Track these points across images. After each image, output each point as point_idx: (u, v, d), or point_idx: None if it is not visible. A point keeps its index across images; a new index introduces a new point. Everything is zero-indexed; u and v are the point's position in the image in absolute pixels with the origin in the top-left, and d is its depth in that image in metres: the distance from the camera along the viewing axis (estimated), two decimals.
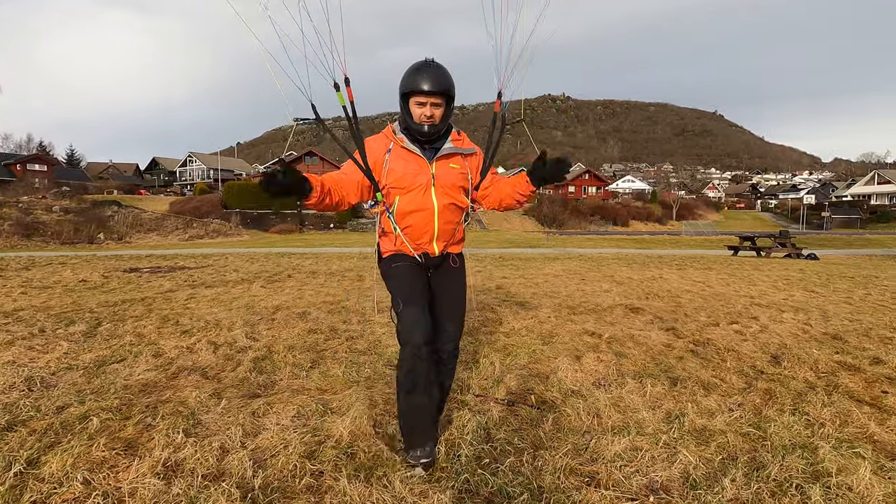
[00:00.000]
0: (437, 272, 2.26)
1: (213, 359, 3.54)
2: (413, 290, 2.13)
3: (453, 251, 2.29)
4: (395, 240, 2.17)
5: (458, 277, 2.32)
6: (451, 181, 2.13)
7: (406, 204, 2.09)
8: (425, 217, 2.11)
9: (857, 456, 2.41)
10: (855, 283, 8.83)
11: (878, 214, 60.62)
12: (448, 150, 2.12)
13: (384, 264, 2.24)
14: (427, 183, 2.08)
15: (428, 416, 2.15)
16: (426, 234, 2.14)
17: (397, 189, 2.09)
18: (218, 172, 65.76)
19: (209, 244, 26.95)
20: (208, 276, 8.98)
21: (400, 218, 2.12)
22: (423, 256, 2.19)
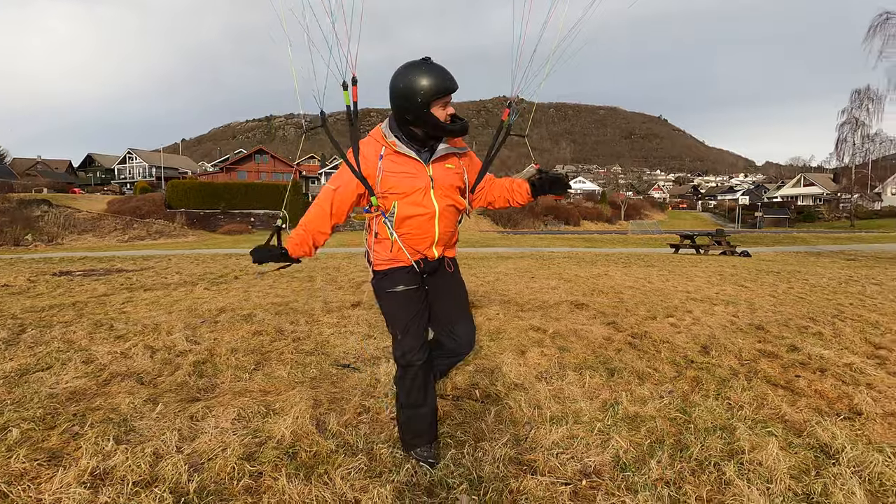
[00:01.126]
0: (433, 277, 2.21)
1: (150, 364, 3.40)
2: (411, 319, 2.10)
3: (448, 255, 2.25)
4: (392, 246, 2.07)
5: (456, 280, 2.29)
6: (450, 182, 2.08)
7: (406, 209, 2.01)
8: (426, 221, 2.04)
9: (769, 434, 2.64)
10: (780, 278, 9.54)
11: (804, 214, 65.51)
12: (444, 152, 2.06)
13: (378, 282, 2.15)
14: (426, 186, 2.01)
15: (429, 420, 2.20)
16: (427, 238, 2.07)
17: (395, 195, 2.00)
18: (161, 170, 62.53)
19: (151, 246, 25.61)
20: (148, 279, 8.56)
21: (399, 223, 2.03)
22: (420, 262, 2.13)
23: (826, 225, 57.05)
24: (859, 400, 3.17)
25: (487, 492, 2.02)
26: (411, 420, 2.17)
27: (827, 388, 3.43)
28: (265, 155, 60.33)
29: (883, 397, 3.28)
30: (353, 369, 3.38)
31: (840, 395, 3.31)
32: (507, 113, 2.19)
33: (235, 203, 41.38)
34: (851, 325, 5.38)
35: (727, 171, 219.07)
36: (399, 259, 2.10)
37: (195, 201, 40.20)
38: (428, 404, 2.18)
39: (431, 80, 1.89)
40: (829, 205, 67.74)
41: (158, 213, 38.06)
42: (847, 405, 3.16)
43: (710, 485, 2.15)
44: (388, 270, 2.11)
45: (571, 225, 54.70)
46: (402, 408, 2.19)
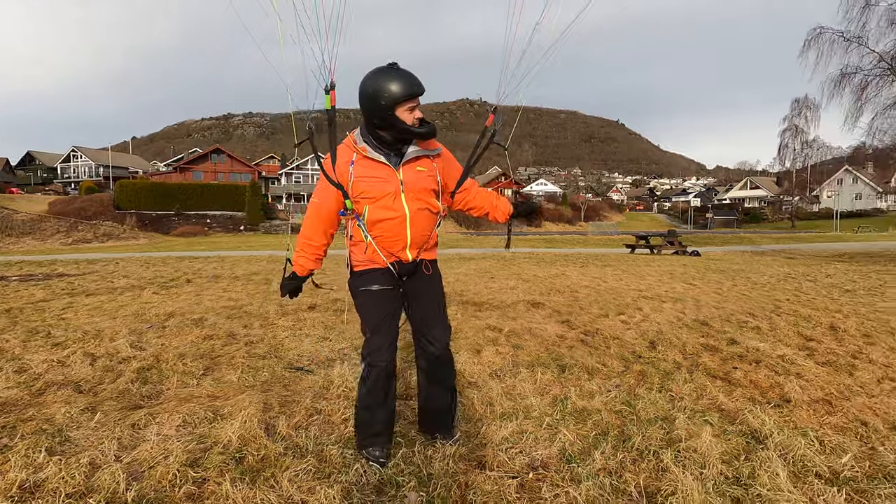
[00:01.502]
0: (411, 280, 2.22)
1: (90, 372, 3.25)
2: (381, 318, 2.14)
3: (427, 258, 2.25)
4: (367, 248, 2.12)
5: (434, 283, 2.31)
6: (421, 185, 2.09)
7: (376, 212, 2.05)
8: (397, 224, 2.06)
9: (705, 423, 2.79)
10: (725, 276, 10.05)
11: (750, 215, 69.27)
12: (414, 154, 2.07)
13: (354, 281, 2.19)
14: (396, 190, 2.04)
15: (385, 423, 2.23)
16: (399, 241, 2.10)
17: (366, 199, 2.04)
18: (109, 169, 59.49)
19: (98, 249, 24.32)
20: (91, 284, 8.13)
21: (370, 226, 2.08)
22: (395, 265, 2.15)
23: (770, 225, 60.45)
24: (789, 389, 3.39)
25: (436, 487, 2.05)
26: (369, 422, 2.19)
27: (761, 378, 3.65)
28: (222, 154, 58.44)
29: (810, 386, 3.52)
30: (307, 372, 3.35)
31: (772, 384, 3.53)
32: (492, 119, 2.22)
33: (191, 204, 39.92)
34: (786, 319, 5.74)
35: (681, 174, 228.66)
36: (374, 261, 2.13)
37: (147, 202, 38.54)
38: (387, 406, 2.21)
39: (397, 85, 1.93)
40: (772, 206, 71.83)
41: (106, 215, 36.23)
42: (778, 394, 3.38)
43: (649, 472, 2.26)
44: (364, 271, 2.15)
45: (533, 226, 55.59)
46: (361, 408, 2.21)
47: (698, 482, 2.17)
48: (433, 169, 2.14)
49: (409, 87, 1.94)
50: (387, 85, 1.93)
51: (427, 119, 2.08)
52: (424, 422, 2.49)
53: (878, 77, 16.03)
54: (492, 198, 2.38)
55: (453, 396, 2.50)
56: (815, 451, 2.51)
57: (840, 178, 66.35)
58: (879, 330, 5.24)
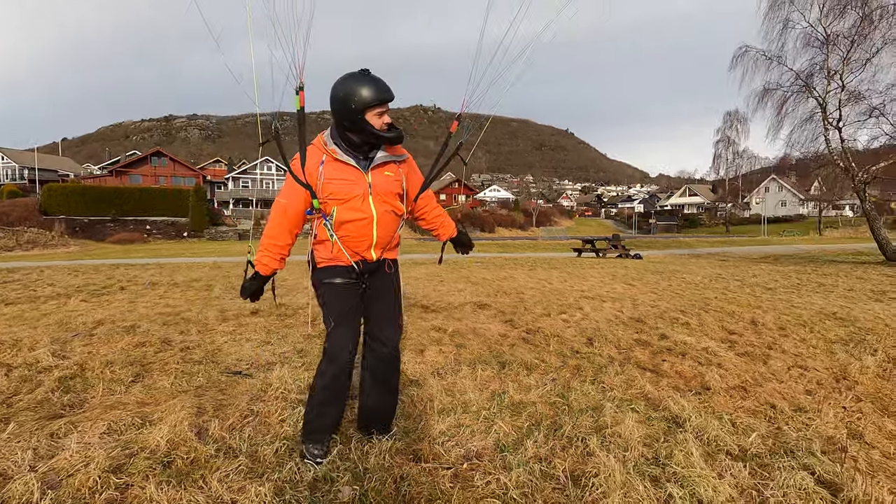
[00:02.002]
0: (373, 278, 2.29)
1: (4, 383, 3.03)
2: (345, 310, 2.18)
3: (389, 257, 2.34)
4: (332, 247, 2.16)
5: (393, 282, 2.38)
6: (388, 189, 2.17)
7: (344, 213, 2.10)
8: (364, 225, 2.13)
9: (632, 410, 2.97)
10: (662, 277, 10.62)
11: (690, 221, 73.36)
12: (382, 159, 2.15)
13: (317, 275, 2.23)
14: (364, 193, 2.11)
15: (333, 421, 2.28)
16: (365, 241, 2.17)
17: (335, 200, 2.09)
18: (35, 172, 55.24)
19: (21, 257, 22.51)
20: (11, 293, 7.54)
21: (338, 226, 2.13)
22: (359, 263, 2.21)
23: (707, 230, 64.18)
24: (709, 377, 3.67)
25: (371, 481, 2.08)
26: (320, 416, 2.22)
27: (686, 369, 3.92)
28: (164, 157, 55.63)
29: (728, 374, 3.81)
30: (245, 376, 3.28)
31: (695, 374, 3.80)
32: (456, 125, 2.30)
33: (128, 209, 37.75)
34: (713, 315, 6.15)
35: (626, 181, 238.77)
36: (339, 259, 2.19)
37: (78, 207, 36.10)
38: (339, 404, 2.26)
39: (367, 90, 2.01)
40: (709, 213, 76.42)
41: (31, 221, 33.60)
42: (700, 382, 3.64)
43: (576, 457, 2.39)
44: (326, 267, 2.20)
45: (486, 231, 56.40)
46: (316, 403, 2.22)
47: (620, 463, 2.32)
48: (399, 174, 2.22)
49: (378, 93, 2.02)
50: (358, 89, 2.01)
51: (395, 125, 2.15)
52: (363, 420, 2.51)
53: (796, 93, 17.47)
54: (444, 217, 2.53)
55: (396, 397, 2.56)
56: (726, 431, 2.74)
57: (767, 186, 71.60)
58: (793, 323, 5.72)
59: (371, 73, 2.07)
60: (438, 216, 2.51)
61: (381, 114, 2.07)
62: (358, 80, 2.03)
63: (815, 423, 2.94)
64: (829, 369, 4.07)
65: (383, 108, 2.07)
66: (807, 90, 17.29)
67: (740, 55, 18.70)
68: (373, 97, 2.02)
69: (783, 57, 17.51)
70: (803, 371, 4.01)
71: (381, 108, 2.06)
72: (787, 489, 2.21)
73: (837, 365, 4.16)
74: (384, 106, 2.06)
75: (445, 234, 2.56)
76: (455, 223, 2.59)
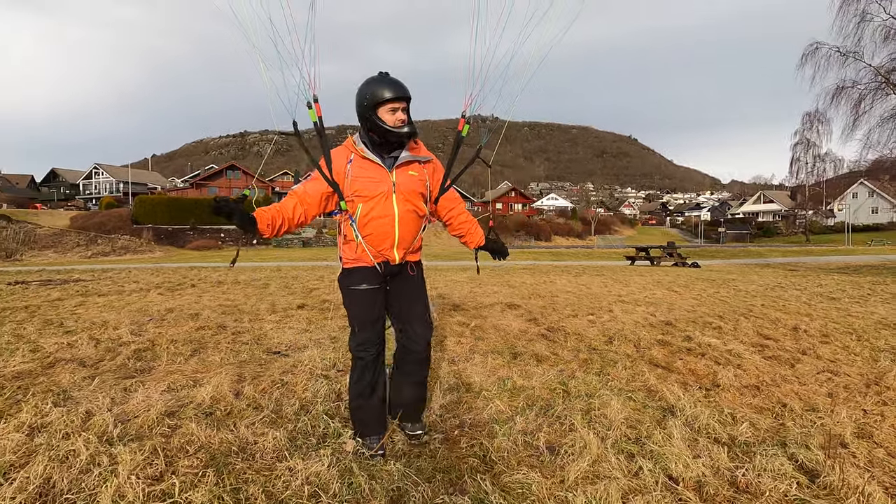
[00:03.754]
0: (394, 280, 2.36)
1: (93, 351, 3.73)
2: (367, 317, 2.28)
3: (411, 259, 2.38)
4: (357, 247, 2.23)
5: (417, 283, 2.43)
6: (411, 188, 2.23)
7: (368, 211, 2.18)
8: (386, 224, 2.20)
9: (629, 399, 3.13)
10: (712, 285, 10.27)
11: (764, 230, 68.56)
12: (406, 159, 2.23)
13: (343, 279, 2.33)
14: (388, 191, 2.18)
15: (376, 412, 2.37)
16: (387, 240, 2.22)
17: (360, 197, 2.18)
18: (129, 185, 61.39)
19: (116, 261, 25.22)
20: (104, 287, 8.73)
21: (362, 225, 2.20)
22: (382, 265, 2.27)
23: (783, 240, 59.71)
24: (722, 376, 3.70)
25: None
26: (358, 410, 2.34)
27: (700, 367, 3.97)
28: (237, 171, 59.97)
29: (746, 374, 3.82)
30: (283, 355, 3.77)
31: (709, 372, 3.84)
32: (463, 123, 2.32)
33: (205, 219, 40.97)
34: (753, 321, 6.00)
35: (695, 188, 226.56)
36: (363, 259, 2.27)
37: (163, 217, 39.68)
38: (375, 397, 2.35)
39: (380, 88, 2.15)
40: (786, 221, 70.97)
41: (125, 229, 37.40)
42: (711, 380, 3.69)
43: (560, 432, 2.62)
44: (353, 269, 2.29)
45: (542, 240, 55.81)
46: (353, 398, 2.36)
47: (599, 439, 2.52)
48: (423, 175, 2.29)
49: (389, 90, 2.14)
50: (371, 88, 2.15)
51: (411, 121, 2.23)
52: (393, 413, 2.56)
53: (874, 91, 16.22)
54: (471, 225, 2.57)
55: (424, 390, 2.61)
56: (717, 421, 2.83)
57: (855, 192, 65.49)
58: (840, 331, 5.47)
59: (388, 75, 2.19)
60: (465, 222, 2.54)
61: (393, 110, 2.15)
62: (373, 81, 2.17)
63: (823, 421, 2.93)
64: (862, 375, 3.95)
65: (396, 104, 2.15)
66: (888, 86, 16.00)
67: (810, 52, 17.67)
68: (383, 94, 2.13)
69: (860, 52, 16.34)
70: (832, 376, 3.91)
71: (394, 105, 2.15)
72: (763, 472, 2.31)
73: (875, 372, 4.01)
74: (396, 103, 2.15)
75: (473, 241, 2.58)
76: (483, 232, 2.61)
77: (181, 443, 2.19)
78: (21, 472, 1.88)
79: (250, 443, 2.25)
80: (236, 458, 2.10)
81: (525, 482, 2.12)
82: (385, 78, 2.17)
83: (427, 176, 2.32)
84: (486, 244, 2.62)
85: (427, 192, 2.32)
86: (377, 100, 2.13)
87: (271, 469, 2.05)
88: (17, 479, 1.83)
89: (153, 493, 1.79)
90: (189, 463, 2.02)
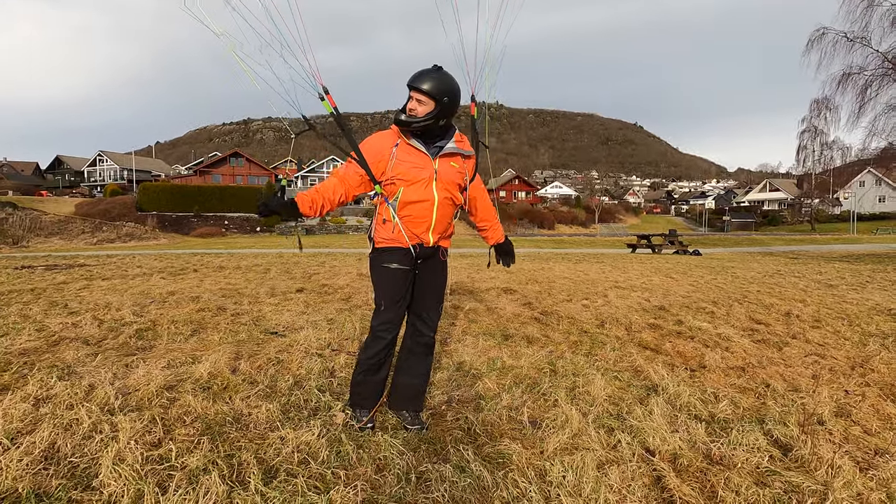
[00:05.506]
0: (425, 264, 2.41)
1: (97, 331, 3.86)
2: (395, 295, 2.33)
3: (443, 245, 2.46)
4: (394, 228, 2.30)
5: (443, 270, 2.51)
6: (451, 178, 2.31)
7: (409, 195, 2.25)
8: (425, 208, 2.27)
9: (614, 378, 3.22)
10: (710, 271, 10.33)
11: (769, 218, 68.14)
12: (450, 150, 2.30)
13: (375, 255, 2.37)
14: (430, 177, 2.25)
15: (375, 389, 2.45)
16: (424, 223, 2.30)
17: (402, 181, 2.24)
18: (132, 173, 61.59)
19: (120, 248, 25.46)
20: (108, 271, 8.88)
21: (401, 207, 2.27)
22: (417, 247, 2.33)
23: (788, 228, 59.40)
24: (709, 358, 3.79)
25: None
26: (361, 384, 2.42)
27: (688, 350, 4.05)
28: (240, 158, 60.03)
29: (732, 357, 3.90)
30: (280, 336, 3.89)
31: (696, 355, 3.93)
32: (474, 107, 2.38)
33: (209, 206, 41.17)
34: (746, 306, 6.07)
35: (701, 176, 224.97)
36: (398, 240, 2.32)
37: (167, 204, 39.89)
38: (379, 377, 2.43)
39: (412, 76, 2.23)
40: (792, 209, 70.50)
41: (129, 216, 37.67)
42: (697, 361, 3.78)
43: (543, 408, 2.72)
44: (387, 248, 2.34)
45: (546, 228, 55.74)
46: (358, 371, 2.44)
47: (581, 414, 2.62)
48: (463, 167, 2.37)
49: (416, 80, 2.21)
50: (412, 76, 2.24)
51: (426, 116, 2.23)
52: (395, 398, 2.58)
53: (881, 77, 16.05)
54: (494, 220, 2.64)
55: (427, 378, 2.64)
56: (699, 399, 2.92)
57: (862, 180, 64.84)
58: (833, 317, 5.54)
59: (435, 67, 2.24)
60: (489, 216, 2.60)
61: (414, 98, 2.21)
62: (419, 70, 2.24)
63: (804, 401, 3.01)
64: (849, 359, 4.02)
65: (416, 94, 2.20)
66: (895, 73, 15.82)
67: (817, 38, 17.45)
68: (411, 82, 2.22)
69: (867, 38, 16.12)
70: (819, 358, 3.99)
71: (416, 95, 2.20)
72: (737, 445, 2.40)
73: (862, 355, 4.08)
74: (415, 92, 2.20)
75: (493, 237, 2.66)
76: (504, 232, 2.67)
77: (179, 413, 2.30)
78: (27, 437, 1.99)
79: (244, 414, 2.36)
80: (231, 428, 2.21)
81: (506, 452, 2.22)
82: (426, 69, 2.23)
83: (467, 170, 2.40)
84: (504, 244, 2.71)
85: (465, 184, 2.41)
86: (408, 85, 2.22)
87: (264, 438, 2.15)
88: (23, 443, 1.95)
89: (151, 458, 1.91)
90: (186, 431, 2.13)
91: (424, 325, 2.48)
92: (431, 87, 2.19)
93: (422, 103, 2.21)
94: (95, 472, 1.81)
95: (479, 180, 2.52)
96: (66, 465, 1.86)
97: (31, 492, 1.67)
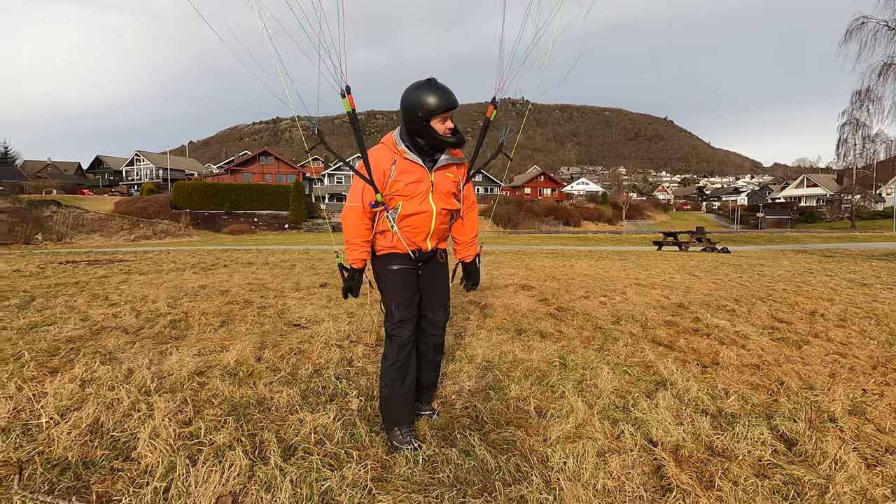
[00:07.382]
0: (426, 266, 2.45)
1: (134, 321, 4.14)
2: (404, 295, 2.35)
3: (441, 247, 2.51)
4: (392, 237, 2.33)
5: (444, 270, 2.53)
6: (446, 188, 2.34)
7: (408, 208, 2.28)
8: (424, 219, 2.31)
9: (625, 373, 3.28)
10: (737, 270, 10.13)
11: (806, 215, 65.60)
12: (445, 162, 2.32)
13: (378, 262, 2.40)
14: (427, 190, 2.28)
15: (406, 393, 2.35)
16: (423, 232, 2.34)
17: (401, 196, 2.26)
18: (167, 172, 63.78)
19: (156, 244, 26.52)
20: (144, 266, 9.35)
21: (400, 219, 2.29)
22: (416, 252, 2.37)
23: (827, 226, 57.11)
24: (723, 355, 3.79)
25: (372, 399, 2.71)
26: (390, 398, 2.33)
27: (702, 346, 4.06)
28: (269, 157, 61.35)
29: (749, 354, 3.89)
30: (302, 328, 4.08)
31: (710, 351, 3.94)
32: (491, 110, 2.35)
33: (239, 204, 42.31)
34: (770, 305, 5.97)
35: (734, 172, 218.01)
36: (398, 248, 2.36)
37: (200, 202, 41.17)
38: (406, 386, 2.35)
39: (432, 99, 2.15)
40: (831, 205, 67.70)
41: (164, 214, 39.09)
42: (711, 358, 3.79)
43: (551, 399, 2.82)
44: (387, 254, 2.38)
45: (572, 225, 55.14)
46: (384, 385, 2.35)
47: (587, 406, 2.70)
48: (457, 176, 2.40)
49: (443, 102, 2.16)
50: (424, 98, 2.15)
51: (458, 129, 2.31)
52: None
53: None
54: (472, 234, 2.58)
55: (438, 374, 2.69)
56: (708, 394, 2.96)
57: None
58: (861, 316, 5.41)
59: (436, 82, 2.20)
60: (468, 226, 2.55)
61: (444, 120, 2.20)
62: (424, 90, 2.16)
63: (818, 399, 3.01)
64: (872, 358, 3.96)
65: (446, 115, 2.20)
66: None
67: (856, 27, 16.79)
68: (437, 105, 2.15)
69: None
70: (839, 357, 3.94)
71: (445, 115, 2.19)
72: (741, 439, 2.45)
73: (886, 355, 4.01)
74: (447, 113, 2.20)
75: (463, 252, 2.60)
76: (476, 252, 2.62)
77: (208, 396, 2.51)
78: (75, 413, 2.22)
79: (267, 398, 2.54)
80: (254, 410, 2.40)
81: (510, 439, 2.33)
82: (435, 86, 2.18)
83: (461, 177, 2.43)
84: (471, 264, 2.61)
85: (458, 192, 2.44)
86: (431, 111, 2.16)
87: (284, 419, 2.33)
88: (71, 418, 2.18)
89: (182, 434, 2.10)
90: (214, 412, 2.33)
91: (431, 326, 2.51)
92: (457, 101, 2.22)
93: (447, 119, 2.24)
94: (134, 445, 2.02)
95: (471, 189, 2.52)
96: (109, 438, 2.07)
97: (80, 460, 1.89)
